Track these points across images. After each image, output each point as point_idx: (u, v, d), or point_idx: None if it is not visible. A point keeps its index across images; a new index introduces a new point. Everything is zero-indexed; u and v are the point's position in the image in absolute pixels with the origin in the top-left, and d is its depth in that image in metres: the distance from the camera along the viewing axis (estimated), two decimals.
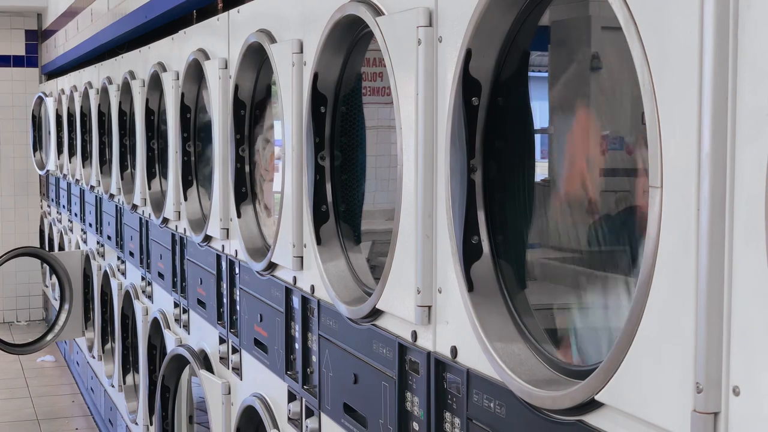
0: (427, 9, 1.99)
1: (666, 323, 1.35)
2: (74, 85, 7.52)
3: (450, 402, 1.98)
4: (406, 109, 2.06)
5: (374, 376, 2.29)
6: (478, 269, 1.88)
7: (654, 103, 1.35)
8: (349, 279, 2.52)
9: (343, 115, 2.61)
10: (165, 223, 4.57)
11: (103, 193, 6.24)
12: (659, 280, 1.36)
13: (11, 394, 7.94)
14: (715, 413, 1.27)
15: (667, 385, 1.34)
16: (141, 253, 5.22)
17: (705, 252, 1.28)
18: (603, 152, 1.77)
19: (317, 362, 2.68)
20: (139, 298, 5.38)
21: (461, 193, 1.89)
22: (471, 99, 1.87)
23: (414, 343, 2.10)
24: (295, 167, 2.73)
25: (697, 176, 1.28)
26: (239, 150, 3.38)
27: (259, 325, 3.23)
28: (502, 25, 1.81)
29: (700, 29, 1.27)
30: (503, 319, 1.82)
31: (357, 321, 2.38)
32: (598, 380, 1.48)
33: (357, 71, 2.57)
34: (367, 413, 2.35)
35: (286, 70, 2.78)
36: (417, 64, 2.00)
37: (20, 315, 10.53)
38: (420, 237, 2.02)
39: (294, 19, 2.83)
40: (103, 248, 6.55)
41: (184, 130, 4.13)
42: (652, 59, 1.36)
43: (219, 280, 3.71)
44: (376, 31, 2.18)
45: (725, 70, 1.25)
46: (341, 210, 2.63)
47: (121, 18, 5.67)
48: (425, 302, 2.03)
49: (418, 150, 2.01)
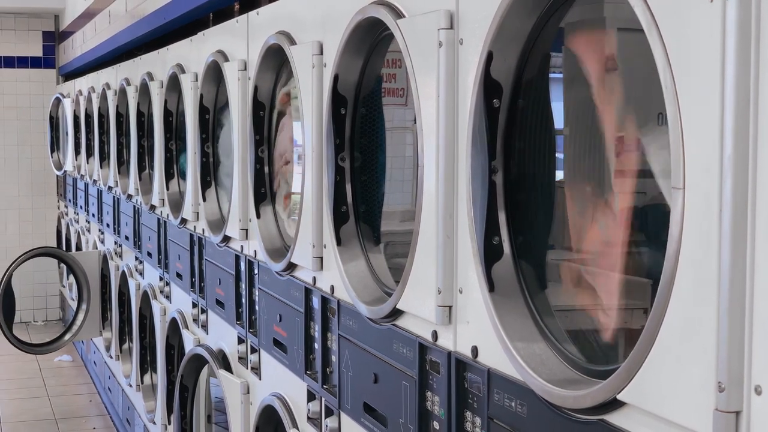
0: (448, 11, 2.00)
1: (688, 323, 1.36)
2: (92, 87, 7.56)
3: (471, 401, 1.99)
4: (427, 110, 2.07)
5: (394, 375, 2.31)
6: (498, 269, 1.89)
7: (676, 105, 1.36)
8: (369, 279, 2.54)
9: (363, 117, 2.63)
10: (183, 223, 4.60)
11: (121, 193, 6.28)
12: (681, 280, 1.37)
13: (29, 394, 7.99)
14: (737, 412, 1.28)
15: (688, 384, 1.35)
16: (159, 253, 5.25)
17: (727, 252, 1.29)
18: (620, 153, 1.78)
19: (337, 362, 2.70)
20: (157, 298, 5.40)
21: (482, 194, 1.91)
22: (492, 101, 1.88)
23: (435, 342, 2.11)
24: (315, 168, 2.75)
25: (719, 177, 1.29)
26: (258, 151, 3.40)
27: (278, 325, 3.25)
28: (524, 28, 1.82)
29: (723, 31, 1.28)
30: (524, 319, 1.84)
31: (377, 321, 2.40)
32: (620, 380, 1.49)
33: (377, 73, 2.59)
34: (388, 413, 2.37)
35: (306, 71, 2.80)
36: (438, 67, 2.01)
37: (37, 315, 10.58)
38: (441, 237, 2.04)
39: (313, 21, 2.84)
40: (121, 248, 6.59)
41: (203, 131, 4.15)
42: (674, 61, 1.37)
43: (238, 281, 3.73)
44: (397, 33, 2.19)
45: (747, 72, 1.26)
46: (361, 211, 2.65)
47: (140, 20, 5.70)
48: (446, 302, 2.04)
49: (439, 151, 2.03)
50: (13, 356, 8.60)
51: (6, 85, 10.41)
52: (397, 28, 2.20)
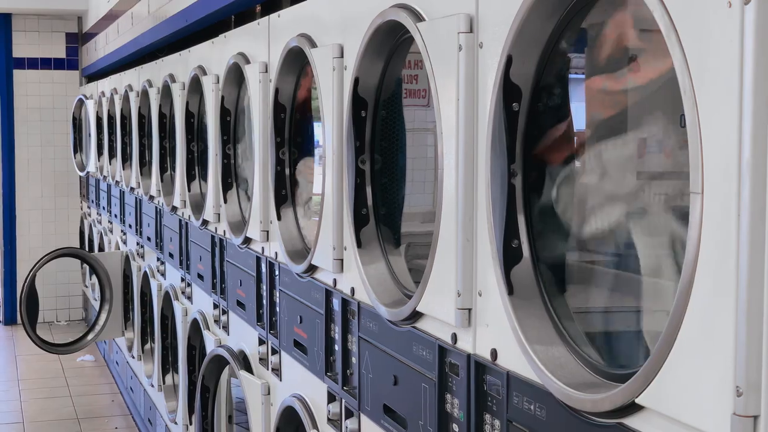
0: (468, 15, 2.01)
1: (706, 327, 1.36)
2: (114, 88, 7.61)
3: (490, 404, 2.00)
4: (446, 114, 2.08)
5: (414, 377, 2.31)
6: (518, 272, 1.90)
7: (695, 109, 1.37)
8: (389, 281, 2.54)
9: (384, 119, 2.63)
10: (204, 224, 4.62)
11: (143, 194, 6.31)
12: (700, 284, 1.37)
13: (52, 393, 8.04)
14: (756, 416, 1.28)
15: (707, 388, 1.35)
16: (180, 254, 5.27)
17: (745, 256, 1.29)
18: (642, 155, 1.78)
19: (357, 364, 2.71)
20: (178, 299, 5.43)
21: (501, 197, 1.91)
22: (511, 104, 1.89)
23: (454, 345, 2.12)
24: (335, 170, 2.76)
25: (737, 182, 1.29)
26: (279, 153, 3.41)
27: (299, 326, 3.26)
28: (544, 31, 1.83)
29: (741, 35, 1.28)
30: (543, 323, 1.84)
31: (397, 323, 2.41)
32: (639, 383, 1.49)
33: (397, 75, 2.60)
34: (407, 414, 2.37)
35: (326, 74, 2.81)
36: (458, 70, 2.02)
37: (60, 315, 10.65)
38: (460, 240, 2.04)
39: (334, 23, 2.85)
40: (143, 249, 6.62)
41: (224, 133, 4.17)
42: (692, 65, 1.37)
43: (259, 282, 3.75)
44: (417, 36, 2.20)
45: (766, 76, 1.26)
46: (381, 213, 2.65)
47: (162, 22, 5.73)
48: (465, 305, 2.05)
49: (459, 154, 2.04)
50: (37, 356, 8.66)
51: (30, 87, 10.49)
52: (417, 31, 2.20)
